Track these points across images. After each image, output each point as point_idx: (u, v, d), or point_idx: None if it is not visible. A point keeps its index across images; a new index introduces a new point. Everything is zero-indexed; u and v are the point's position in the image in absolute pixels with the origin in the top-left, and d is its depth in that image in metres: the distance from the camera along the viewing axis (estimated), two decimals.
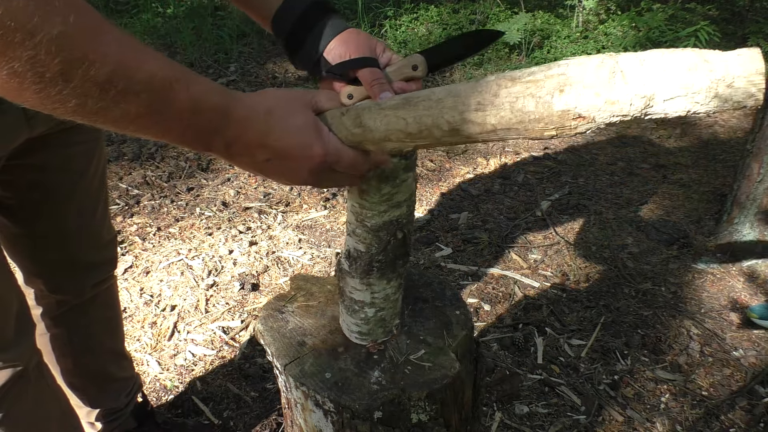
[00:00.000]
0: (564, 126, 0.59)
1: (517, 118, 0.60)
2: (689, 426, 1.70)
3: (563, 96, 0.57)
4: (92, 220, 1.24)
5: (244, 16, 4.78)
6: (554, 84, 0.58)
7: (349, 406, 0.86)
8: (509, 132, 0.61)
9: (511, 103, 0.60)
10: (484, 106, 0.61)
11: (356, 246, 0.88)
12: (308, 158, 0.70)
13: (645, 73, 0.55)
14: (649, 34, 3.80)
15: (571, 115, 0.57)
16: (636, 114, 0.56)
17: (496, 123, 0.61)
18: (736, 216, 2.36)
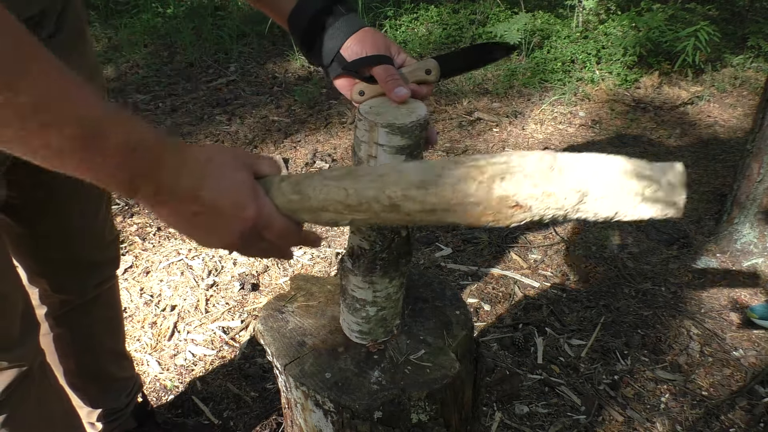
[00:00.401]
0: (501, 213, 0.60)
1: (458, 199, 0.60)
2: (689, 426, 1.70)
3: (504, 183, 0.59)
4: (95, 219, 1.24)
5: (245, 16, 4.78)
6: (497, 170, 0.60)
7: (349, 406, 0.86)
8: (447, 213, 0.62)
9: (453, 185, 0.61)
10: (427, 184, 0.62)
11: (360, 243, 0.88)
12: (240, 219, 0.66)
13: (581, 171, 0.57)
14: (649, 34, 3.80)
15: (510, 203, 0.59)
16: (569, 208, 0.58)
17: (436, 202, 0.61)
18: (736, 216, 2.36)
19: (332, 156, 3.10)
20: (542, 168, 0.58)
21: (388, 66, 0.81)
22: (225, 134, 3.31)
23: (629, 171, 0.58)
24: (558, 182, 0.58)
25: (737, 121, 3.49)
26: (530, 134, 3.35)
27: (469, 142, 3.25)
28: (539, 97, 3.73)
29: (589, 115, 3.54)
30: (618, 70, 3.84)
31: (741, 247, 2.34)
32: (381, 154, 0.79)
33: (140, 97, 3.73)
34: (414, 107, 0.82)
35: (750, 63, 4.03)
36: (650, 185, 0.57)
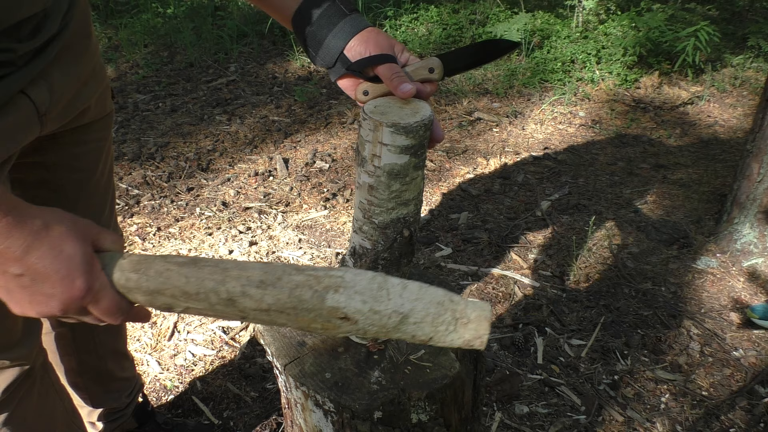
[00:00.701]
0: (330, 322, 0.65)
1: (292, 303, 0.64)
2: (689, 426, 1.70)
3: (336, 295, 0.64)
4: (99, 219, 1.24)
5: (244, 16, 4.78)
6: (332, 282, 0.65)
7: (349, 406, 0.86)
8: (281, 316, 0.65)
9: (291, 289, 0.65)
10: (266, 285, 0.65)
11: (362, 243, 0.88)
12: (67, 289, 0.64)
13: (405, 296, 0.65)
14: (649, 34, 3.81)
15: (339, 314, 0.64)
16: (390, 328, 0.65)
17: (272, 303, 0.65)
18: (736, 216, 2.36)
19: (332, 156, 3.10)
20: (373, 287, 0.64)
21: (393, 64, 0.81)
22: (225, 134, 3.31)
23: (445, 303, 0.66)
24: (384, 303, 0.64)
25: (737, 121, 3.49)
26: (530, 134, 3.35)
27: (469, 142, 3.25)
28: (539, 97, 3.73)
29: (589, 115, 3.55)
30: (618, 70, 3.84)
31: (741, 247, 2.34)
32: (385, 154, 0.79)
33: (140, 97, 3.73)
34: (418, 107, 0.82)
35: (750, 63, 4.03)
36: (462, 318, 0.65)
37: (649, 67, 3.94)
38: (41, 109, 0.93)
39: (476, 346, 0.66)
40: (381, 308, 0.64)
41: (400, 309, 0.65)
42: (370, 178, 0.81)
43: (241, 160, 3.08)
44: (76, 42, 0.99)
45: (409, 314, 0.65)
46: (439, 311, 0.65)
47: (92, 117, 1.11)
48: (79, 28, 1.00)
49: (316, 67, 4.16)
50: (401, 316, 0.65)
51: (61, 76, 0.96)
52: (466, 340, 0.66)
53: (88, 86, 1.06)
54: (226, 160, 3.07)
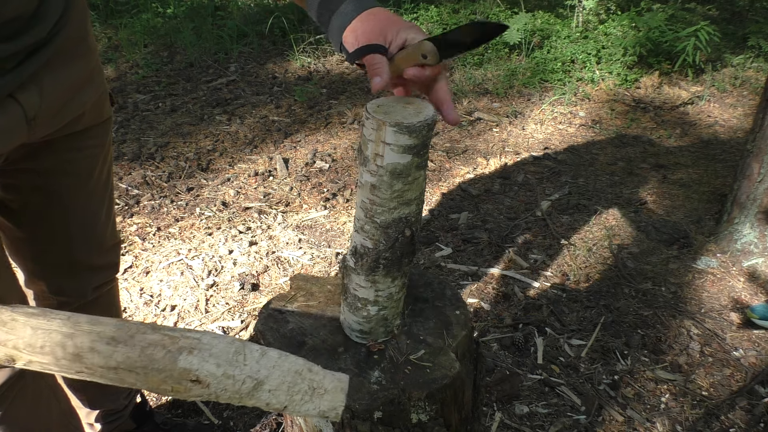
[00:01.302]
0: (180, 384, 0.63)
1: (143, 362, 0.63)
2: (689, 426, 1.70)
3: (190, 357, 0.63)
4: (95, 225, 1.24)
5: (244, 16, 4.78)
6: (187, 344, 0.63)
7: (349, 406, 0.86)
8: (129, 374, 0.64)
9: (143, 347, 0.63)
10: (117, 342, 0.63)
11: (363, 242, 0.88)
12: None
13: (263, 363, 0.64)
14: (649, 34, 3.80)
15: (190, 376, 0.62)
16: (244, 394, 0.64)
17: (121, 361, 0.63)
18: (736, 216, 2.36)
19: (332, 156, 3.10)
20: (229, 351, 0.63)
21: (374, 56, 0.81)
22: (225, 134, 3.31)
23: (303, 372, 0.65)
24: (240, 367, 0.63)
25: (737, 121, 3.49)
26: (530, 134, 3.35)
27: (469, 142, 3.25)
28: (539, 97, 3.73)
29: (589, 115, 3.54)
30: (618, 70, 3.84)
31: (741, 247, 2.34)
32: (388, 153, 0.79)
33: (140, 97, 3.73)
34: (422, 107, 0.82)
35: (750, 63, 4.03)
36: (318, 389, 0.65)
37: (649, 67, 3.93)
38: (30, 113, 0.92)
39: (331, 417, 0.66)
40: (235, 373, 0.63)
41: (256, 375, 0.64)
42: (373, 178, 0.81)
43: (241, 160, 3.08)
44: (72, 46, 0.99)
45: (265, 381, 0.64)
46: (295, 380, 0.65)
47: (88, 123, 1.10)
48: (75, 33, 0.99)
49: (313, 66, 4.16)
50: (255, 383, 0.63)
51: (54, 80, 0.96)
52: (321, 411, 0.65)
53: (83, 92, 1.05)
54: (226, 160, 3.07)
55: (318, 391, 0.65)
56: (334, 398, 0.66)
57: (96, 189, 1.20)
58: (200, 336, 0.64)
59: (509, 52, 4.20)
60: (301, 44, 4.34)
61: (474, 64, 4.09)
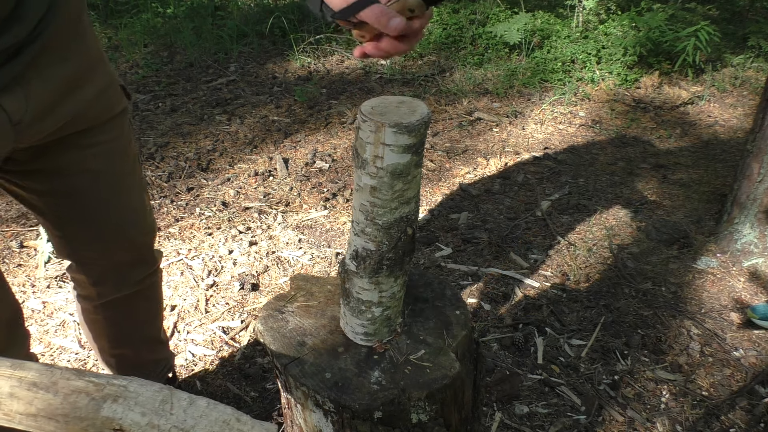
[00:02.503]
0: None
1: (64, 410, 0.62)
2: (689, 426, 1.70)
3: (114, 405, 0.62)
4: (123, 220, 1.22)
5: (244, 16, 4.78)
6: (112, 391, 0.62)
7: (349, 406, 0.86)
8: (49, 422, 0.62)
9: (66, 395, 0.62)
10: (40, 387, 0.62)
11: (365, 245, 0.88)
12: None
13: (190, 412, 0.63)
14: (650, 34, 3.80)
15: (113, 425, 0.61)
16: None
17: (42, 408, 0.62)
18: (736, 216, 2.36)
19: (332, 156, 3.10)
20: (156, 400, 0.62)
21: (376, 5, 0.75)
22: (225, 134, 3.31)
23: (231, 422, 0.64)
24: (165, 417, 0.62)
25: (737, 121, 3.49)
26: (530, 134, 3.35)
27: (469, 142, 3.25)
28: (539, 97, 3.72)
29: (589, 115, 3.54)
30: (618, 70, 3.84)
31: (741, 247, 2.34)
32: (388, 154, 0.79)
33: (140, 97, 3.73)
34: (414, 105, 0.82)
35: (750, 63, 4.03)
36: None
37: (650, 67, 3.93)
38: (14, 117, 0.89)
39: None
40: (160, 423, 0.62)
41: (182, 425, 0.62)
42: (372, 180, 0.81)
43: (241, 160, 3.08)
44: (63, 43, 0.95)
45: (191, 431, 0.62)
46: (223, 430, 0.63)
47: (95, 119, 1.07)
48: (66, 29, 0.95)
49: (312, 65, 4.16)
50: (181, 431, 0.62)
51: (42, 81, 0.92)
52: None
53: (80, 89, 1.01)
54: (226, 160, 3.07)
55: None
56: None
57: (119, 185, 1.18)
58: (127, 383, 0.63)
59: (509, 52, 4.20)
60: (301, 44, 4.34)
61: (474, 64, 4.09)
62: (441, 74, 4.01)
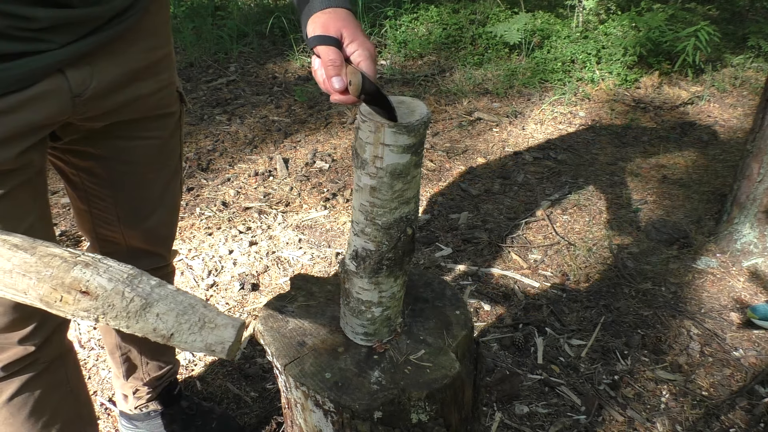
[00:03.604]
0: (69, 294, 0.65)
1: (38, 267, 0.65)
2: (689, 426, 1.70)
3: (85, 269, 0.65)
4: (147, 213, 1.26)
5: (244, 16, 4.78)
6: (86, 260, 0.66)
7: (349, 406, 0.86)
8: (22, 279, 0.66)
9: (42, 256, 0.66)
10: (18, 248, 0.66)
11: (365, 245, 0.88)
12: None
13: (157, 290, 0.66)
14: (650, 34, 3.80)
15: (80, 286, 0.65)
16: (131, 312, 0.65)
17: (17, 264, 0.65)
18: (736, 216, 2.36)
19: (332, 156, 3.10)
20: (125, 273, 0.66)
21: (332, 49, 0.80)
22: (225, 134, 3.31)
23: (197, 307, 0.66)
24: (131, 287, 0.65)
25: (737, 121, 3.49)
26: (530, 134, 3.35)
27: (469, 142, 3.25)
28: (539, 97, 3.73)
29: (589, 115, 3.54)
30: (618, 70, 3.84)
31: (741, 247, 2.34)
32: (387, 154, 0.79)
33: None
34: (413, 105, 0.82)
35: (750, 63, 4.03)
36: (209, 323, 0.66)
37: (649, 67, 3.93)
38: (76, 90, 0.94)
39: (217, 352, 0.66)
40: (125, 290, 0.65)
41: (146, 297, 0.65)
42: (372, 180, 0.81)
43: (241, 160, 3.08)
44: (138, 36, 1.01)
45: (154, 304, 0.65)
46: (186, 310, 0.66)
47: (145, 113, 1.12)
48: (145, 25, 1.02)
49: None
50: (144, 303, 0.65)
51: (110, 65, 0.98)
52: (207, 344, 0.66)
53: (142, 81, 1.07)
54: (226, 160, 3.07)
55: (208, 325, 0.66)
56: (224, 333, 0.66)
57: (153, 180, 1.22)
58: (101, 258, 0.67)
59: (509, 52, 4.20)
60: (301, 44, 4.34)
61: (474, 64, 4.09)
62: (441, 74, 4.01)
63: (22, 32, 0.83)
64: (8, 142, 0.88)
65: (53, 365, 1.11)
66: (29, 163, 0.94)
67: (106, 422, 1.73)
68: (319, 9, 0.86)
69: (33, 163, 0.96)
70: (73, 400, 1.19)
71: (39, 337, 1.04)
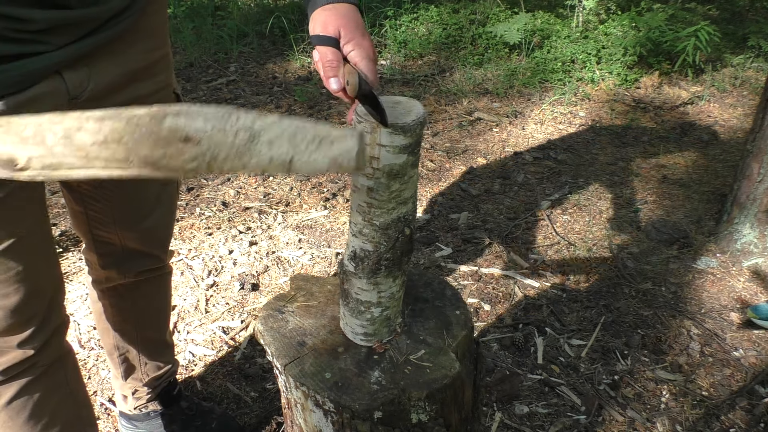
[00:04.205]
0: (171, 147, 0.60)
1: (130, 129, 0.61)
2: (689, 426, 1.70)
3: (177, 118, 0.60)
4: (143, 214, 1.26)
5: (244, 16, 4.78)
6: (174, 110, 0.61)
7: (349, 406, 0.86)
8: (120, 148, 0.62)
9: (128, 118, 0.62)
10: (104, 119, 0.62)
11: (363, 246, 0.88)
12: None
13: (258, 121, 0.60)
14: (650, 34, 3.80)
15: (179, 135, 0.60)
16: (240, 148, 0.60)
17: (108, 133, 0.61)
18: (736, 216, 2.36)
19: None
20: (219, 112, 0.60)
21: (331, 49, 0.81)
22: None
23: (306, 126, 0.61)
24: (231, 122, 0.60)
25: (737, 121, 3.49)
26: (530, 134, 3.35)
27: (469, 142, 3.25)
28: (539, 97, 3.73)
29: (589, 115, 3.54)
30: (618, 70, 3.84)
31: (741, 247, 2.34)
32: (384, 155, 0.79)
33: None
34: (410, 105, 0.82)
35: (750, 63, 4.03)
36: (326, 137, 0.61)
37: (649, 67, 3.94)
38: (73, 92, 0.94)
39: (345, 164, 0.61)
40: (227, 126, 0.59)
41: (249, 128, 0.60)
42: (369, 181, 0.82)
43: None
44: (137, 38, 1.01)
45: (261, 132, 0.60)
46: (297, 131, 0.61)
47: None
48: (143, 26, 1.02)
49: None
50: (250, 133, 0.60)
51: (108, 66, 0.98)
52: (332, 158, 0.61)
53: (140, 82, 1.07)
54: None
55: (326, 140, 0.61)
56: (346, 144, 0.61)
57: (149, 181, 1.22)
58: (189, 105, 0.62)
59: (509, 52, 4.20)
60: (301, 44, 4.34)
61: (474, 64, 4.09)
62: (441, 74, 4.01)
63: (19, 34, 0.82)
64: None
65: (52, 368, 1.10)
66: None
67: (106, 422, 1.73)
68: (321, 4, 0.86)
69: None
70: (72, 402, 1.19)
71: (38, 340, 1.04)
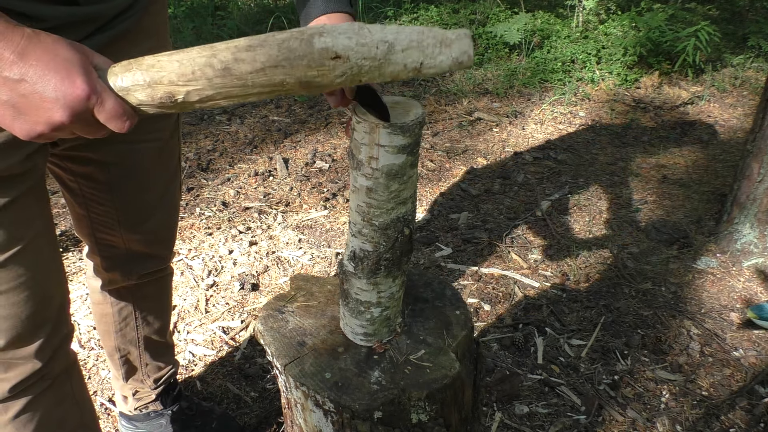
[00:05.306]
0: (324, 66, 0.66)
1: (284, 55, 0.66)
2: (689, 426, 1.70)
3: (323, 38, 0.66)
4: (146, 216, 1.26)
5: (245, 16, 4.78)
6: (315, 30, 0.67)
7: (349, 406, 0.86)
8: (276, 71, 0.67)
9: (278, 44, 0.66)
10: (254, 47, 0.66)
11: (362, 246, 0.88)
12: (70, 90, 0.63)
13: (387, 31, 0.69)
14: (650, 34, 3.80)
15: (330, 54, 0.66)
16: (381, 58, 0.68)
17: (265, 60, 0.66)
18: (736, 216, 2.36)
19: (332, 156, 3.10)
20: (353, 28, 0.67)
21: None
22: (225, 134, 3.31)
23: (424, 32, 0.70)
24: (369, 36, 0.67)
25: (737, 121, 3.49)
26: (530, 134, 3.35)
27: (469, 142, 3.25)
28: (539, 97, 3.72)
29: (589, 115, 3.54)
30: (618, 70, 3.84)
31: (741, 247, 2.34)
32: (383, 155, 0.79)
33: None
34: (409, 105, 0.82)
35: (750, 63, 4.03)
36: (444, 40, 0.70)
37: (649, 67, 3.93)
38: None
39: (464, 62, 0.71)
40: (367, 41, 0.67)
41: (386, 38, 0.67)
42: (368, 181, 0.82)
43: (241, 160, 3.08)
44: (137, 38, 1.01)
45: (395, 42, 0.68)
46: (421, 38, 0.69)
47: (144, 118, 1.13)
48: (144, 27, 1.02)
49: None
50: (388, 45, 0.67)
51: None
52: (454, 58, 0.70)
53: None
54: (226, 160, 3.07)
55: (444, 42, 0.70)
56: (462, 44, 0.70)
57: (153, 182, 1.23)
58: (322, 25, 0.68)
59: (509, 52, 4.20)
60: None
61: (474, 64, 4.09)
62: (441, 76, 4.01)
63: None
64: (13, 145, 0.88)
65: (59, 380, 1.10)
66: (33, 168, 0.94)
67: (106, 422, 1.73)
68: (316, 15, 0.87)
69: (37, 167, 0.95)
70: (77, 411, 1.19)
71: (47, 350, 1.03)
